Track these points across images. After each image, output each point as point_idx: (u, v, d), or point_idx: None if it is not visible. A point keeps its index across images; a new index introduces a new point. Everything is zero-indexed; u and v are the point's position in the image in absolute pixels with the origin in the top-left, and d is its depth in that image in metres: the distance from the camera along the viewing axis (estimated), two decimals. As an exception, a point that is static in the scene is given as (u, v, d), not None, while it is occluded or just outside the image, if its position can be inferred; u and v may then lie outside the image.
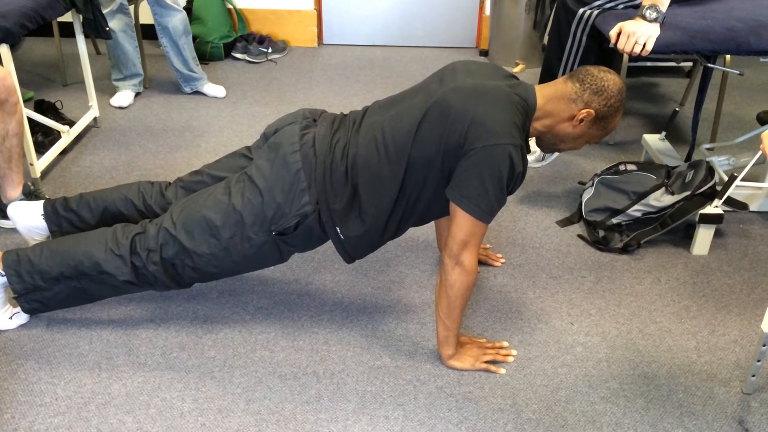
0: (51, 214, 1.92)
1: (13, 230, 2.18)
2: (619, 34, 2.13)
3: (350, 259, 1.71)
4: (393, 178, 1.59)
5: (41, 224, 1.92)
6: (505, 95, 1.54)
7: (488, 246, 2.18)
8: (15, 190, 2.13)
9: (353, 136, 1.64)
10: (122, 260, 1.68)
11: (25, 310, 1.77)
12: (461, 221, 1.52)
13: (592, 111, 1.58)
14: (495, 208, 1.52)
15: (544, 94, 1.61)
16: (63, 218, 1.91)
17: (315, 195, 1.60)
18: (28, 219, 1.93)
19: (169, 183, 1.91)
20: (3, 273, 1.71)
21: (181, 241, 1.66)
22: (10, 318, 1.79)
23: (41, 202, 1.94)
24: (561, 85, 1.61)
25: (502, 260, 2.12)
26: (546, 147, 1.72)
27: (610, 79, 1.58)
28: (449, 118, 1.52)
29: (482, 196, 1.50)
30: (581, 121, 1.60)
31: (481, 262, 2.11)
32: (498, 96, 1.53)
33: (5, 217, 2.18)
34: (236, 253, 1.67)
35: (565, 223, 2.35)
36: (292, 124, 1.70)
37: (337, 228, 1.63)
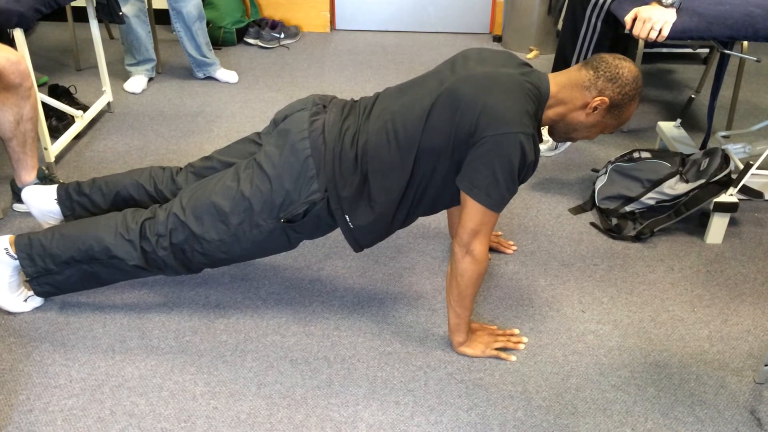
0: (64, 198, 1.94)
1: (28, 214, 2.20)
2: (634, 20, 2.11)
3: (359, 247, 1.71)
4: (403, 166, 1.58)
5: (55, 208, 1.94)
6: (517, 83, 1.52)
7: (500, 233, 2.18)
8: (29, 174, 2.15)
9: (363, 124, 1.63)
10: (132, 245, 1.69)
11: (37, 293, 1.79)
12: (471, 210, 1.52)
13: (606, 99, 1.55)
14: (506, 197, 1.51)
15: (558, 81, 1.59)
16: (76, 202, 1.93)
17: (324, 182, 1.60)
18: (42, 203, 1.95)
19: (180, 168, 1.92)
20: (15, 256, 1.72)
21: (190, 226, 1.67)
22: (25, 301, 1.81)
23: (55, 187, 1.96)
24: (575, 73, 1.58)
25: (514, 247, 2.12)
26: (559, 136, 1.69)
27: (625, 67, 1.55)
28: (460, 106, 1.50)
29: (493, 186, 1.48)
30: (595, 109, 1.57)
31: (492, 249, 2.10)
32: (510, 84, 1.51)
33: (20, 200, 2.20)
34: (245, 240, 1.67)
35: (577, 210, 2.34)
36: (301, 110, 1.69)
37: (347, 216, 1.63)
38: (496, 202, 1.50)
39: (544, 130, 2.10)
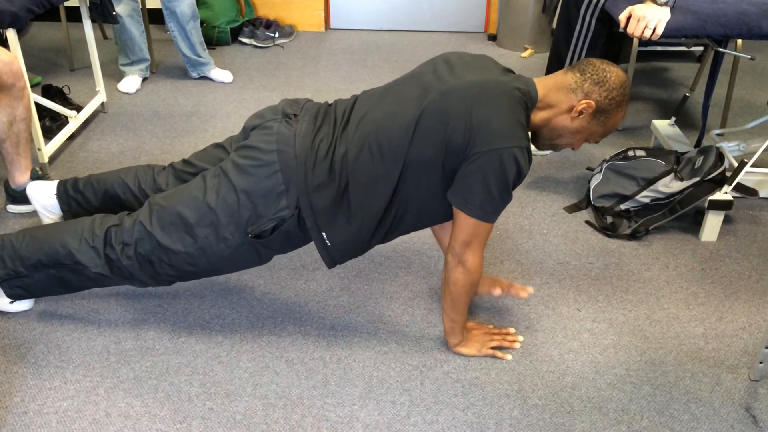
0: (62, 193, 1.95)
1: (22, 215, 2.19)
2: (629, 18, 2.11)
3: (333, 263, 1.64)
4: (387, 178, 1.51)
5: (54, 203, 1.96)
6: (508, 92, 1.47)
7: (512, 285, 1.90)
8: (23, 175, 2.14)
9: (341, 134, 1.56)
10: (95, 252, 1.64)
11: (8, 295, 1.74)
12: (464, 222, 1.49)
13: (592, 102, 1.51)
14: (500, 209, 1.48)
15: (545, 85, 1.55)
16: (72, 198, 1.94)
17: (294, 198, 1.53)
18: (44, 198, 1.97)
19: (163, 168, 1.88)
20: None
21: (156, 237, 1.60)
22: (11, 302, 1.79)
23: (56, 182, 1.98)
24: (561, 76, 1.55)
25: (530, 290, 1.80)
26: (542, 143, 1.64)
27: (612, 72, 1.52)
28: (450, 119, 1.45)
29: (487, 200, 1.45)
30: (580, 113, 1.53)
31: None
32: (500, 94, 1.47)
33: (15, 202, 2.19)
34: (212, 254, 1.60)
35: (572, 209, 2.34)
36: (271, 120, 1.61)
37: (323, 233, 1.56)
38: (489, 215, 1.48)
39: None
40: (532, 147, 1.59)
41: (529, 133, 1.63)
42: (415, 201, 1.55)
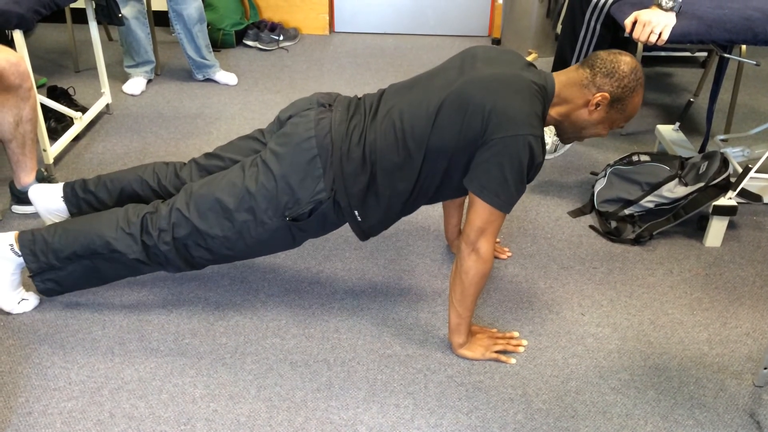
0: (70, 196, 1.95)
1: (27, 216, 2.20)
2: (634, 23, 2.11)
3: (365, 237, 1.73)
4: (411, 164, 1.59)
5: (61, 206, 1.96)
6: (526, 85, 1.53)
7: (497, 240, 2.18)
8: (29, 176, 2.15)
9: (370, 122, 1.64)
10: (133, 239, 1.69)
11: (40, 291, 1.78)
12: (480, 209, 1.53)
13: (606, 94, 1.57)
14: (515, 197, 1.52)
15: (560, 81, 1.61)
16: (82, 200, 1.94)
17: (330, 182, 1.60)
18: (49, 201, 1.96)
19: (184, 163, 1.92)
20: (19, 253, 1.72)
21: (193, 222, 1.67)
22: (18, 303, 1.80)
23: (61, 185, 1.97)
24: (573, 73, 1.60)
25: (509, 253, 2.12)
26: (567, 136, 1.70)
27: (621, 60, 1.57)
28: (469, 108, 1.51)
29: (502, 186, 1.50)
30: (597, 105, 1.59)
31: None
32: (518, 85, 1.53)
33: (20, 202, 2.20)
34: (249, 237, 1.67)
35: (576, 213, 2.34)
36: (307, 110, 1.70)
37: (356, 211, 1.64)
38: (504, 203, 1.51)
39: (549, 132, 2.09)
40: (547, 145, 1.65)
41: (552, 128, 1.68)
42: (435, 182, 1.63)
